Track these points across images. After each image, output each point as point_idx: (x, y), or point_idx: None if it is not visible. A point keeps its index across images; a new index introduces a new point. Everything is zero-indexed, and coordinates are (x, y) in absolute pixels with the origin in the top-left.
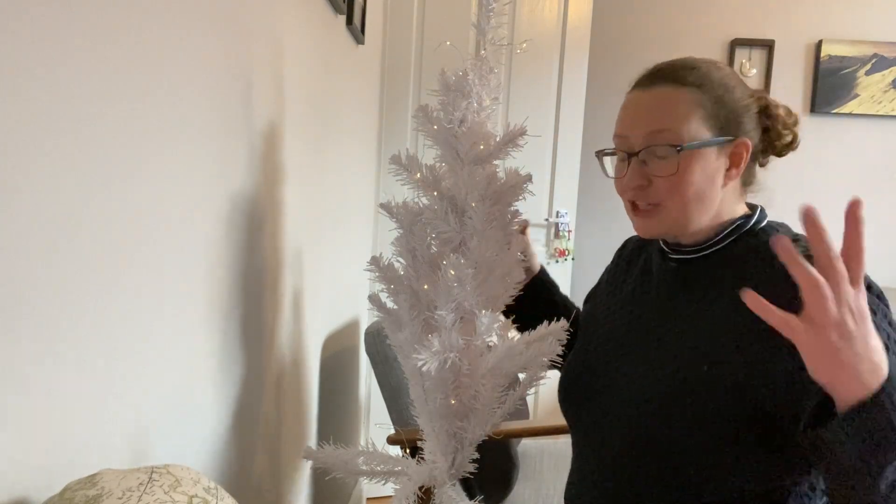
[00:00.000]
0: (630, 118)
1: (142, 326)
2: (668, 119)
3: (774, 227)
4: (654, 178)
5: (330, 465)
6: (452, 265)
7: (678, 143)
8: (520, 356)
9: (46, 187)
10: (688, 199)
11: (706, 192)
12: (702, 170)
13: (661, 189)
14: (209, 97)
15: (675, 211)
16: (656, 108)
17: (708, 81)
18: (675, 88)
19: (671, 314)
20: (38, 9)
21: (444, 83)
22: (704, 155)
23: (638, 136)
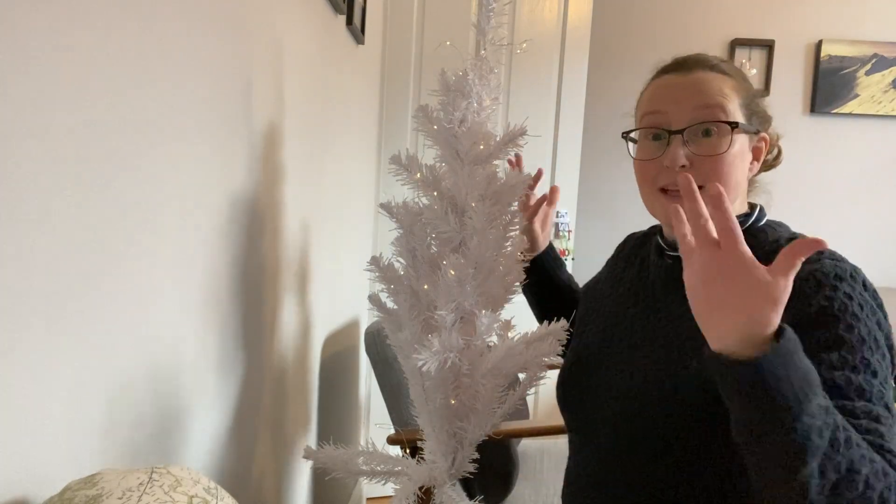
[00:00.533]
0: (671, 96)
1: (142, 326)
2: (717, 96)
3: (773, 227)
4: (697, 157)
5: (330, 465)
6: (452, 265)
7: (732, 120)
8: (520, 356)
9: (47, 187)
10: (728, 182)
11: (740, 181)
12: (743, 155)
13: (704, 170)
14: (209, 97)
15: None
16: (703, 87)
17: (741, 74)
18: (716, 74)
19: (663, 311)
20: (38, 9)
21: (444, 83)
22: (744, 141)
23: (683, 111)
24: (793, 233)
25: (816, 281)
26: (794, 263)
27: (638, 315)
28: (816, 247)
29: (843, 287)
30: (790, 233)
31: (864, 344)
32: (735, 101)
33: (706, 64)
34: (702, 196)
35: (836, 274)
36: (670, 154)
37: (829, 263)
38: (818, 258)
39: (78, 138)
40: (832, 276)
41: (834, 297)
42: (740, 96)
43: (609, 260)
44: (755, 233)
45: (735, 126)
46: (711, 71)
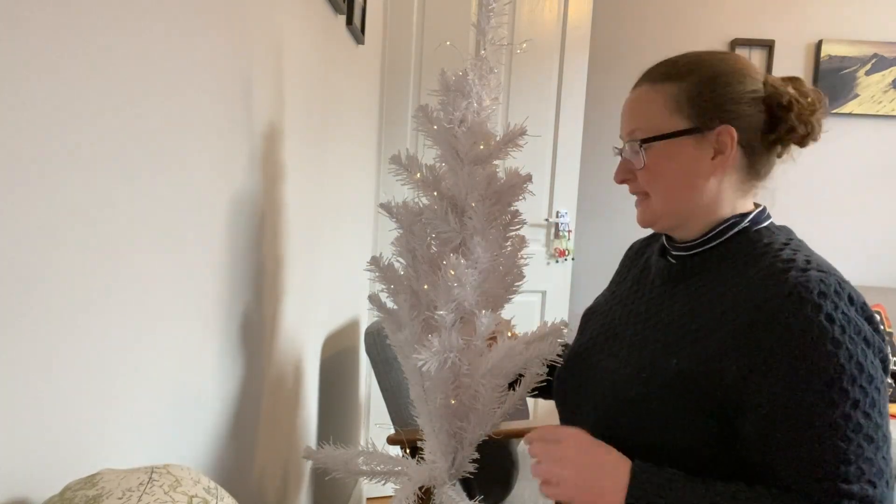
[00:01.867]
0: (621, 119)
1: (142, 326)
2: (640, 118)
3: (771, 231)
4: (635, 171)
5: (330, 465)
6: (452, 265)
7: (639, 138)
8: (520, 356)
9: (47, 187)
10: (666, 188)
11: (687, 182)
12: (671, 161)
13: (641, 181)
14: (209, 97)
15: (660, 200)
16: (633, 109)
17: (690, 73)
18: (651, 87)
19: (656, 308)
20: (38, 9)
21: (444, 83)
22: (674, 146)
23: (623, 134)
24: (789, 239)
25: (799, 299)
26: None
27: (633, 312)
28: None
29: (826, 307)
30: (786, 238)
31: (845, 372)
32: (667, 110)
33: (650, 76)
34: None
35: (819, 291)
36: (615, 171)
37: (815, 277)
38: (806, 268)
39: (78, 138)
40: (816, 294)
41: (814, 320)
42: (679, 101)
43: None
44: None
45: (641, 143)
46: (651, 83)
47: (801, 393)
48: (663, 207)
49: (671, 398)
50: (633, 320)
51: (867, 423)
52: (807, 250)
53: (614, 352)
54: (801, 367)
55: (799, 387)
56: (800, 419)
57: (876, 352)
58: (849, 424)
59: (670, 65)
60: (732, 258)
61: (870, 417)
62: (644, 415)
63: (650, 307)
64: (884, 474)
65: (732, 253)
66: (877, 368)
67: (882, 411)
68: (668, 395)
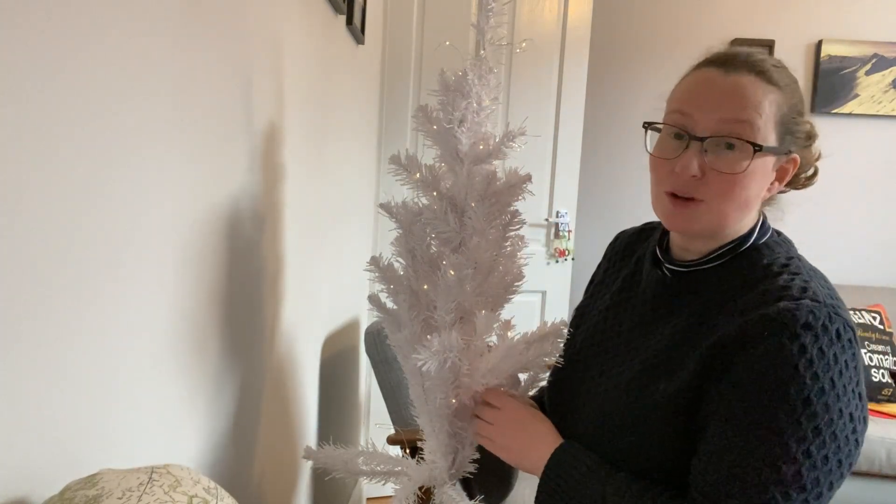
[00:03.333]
0: (702, 97)
1: (142, 325)
2: (750, 111)
3: (770, 247)
4: (712, 170)
5: (330, 465)
6: (452, 265)
7: (758, 142)
8: (520, 356)
9: (47, 187)
10: (736, 203)
11: (752, 201)
12: (761, 177)
13: (713, 185)
14: (209, 97)
15: (717, 212)
16: (738, 95)
17: (791, 86)
18: (759, 81)
19: (647, 325)
20: (39, 8)
21: (444, 83)
22: (767, 162)
23: (709, 119)
24: (788, 258)
25: (781, 324)
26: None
27: (624, 324)
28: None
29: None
30: (786, 258)
31: (785, 403)
32: (770, 117)
33: (753, 67)
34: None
35: (805, 322)
36: (683, 160)
37: (806, 307)
38: (800, 296)
39: (77, 139)
40: (800, 324)
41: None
42: (779, 112)
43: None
44: (749, 253)
45: (758, 149)
46: (756, 77)
47: (747, 407)
48: (717, 220)
49: (659, 421)
50: (624, 336)
51: (786, 457)
52: (806, 273)
53: (604, 369)
54: (756, 384)
55: (748, 401)
56: (736, 432)
57: (840, 393)
58: (774, 453)
59: (770, 64)
60: (730, 279)
61: (790, 452)
62: (634, 436)
63: (643, 322)
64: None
65: (731, 273)
66: (828, 408)
67: (820, 462)
68: (657, 417)
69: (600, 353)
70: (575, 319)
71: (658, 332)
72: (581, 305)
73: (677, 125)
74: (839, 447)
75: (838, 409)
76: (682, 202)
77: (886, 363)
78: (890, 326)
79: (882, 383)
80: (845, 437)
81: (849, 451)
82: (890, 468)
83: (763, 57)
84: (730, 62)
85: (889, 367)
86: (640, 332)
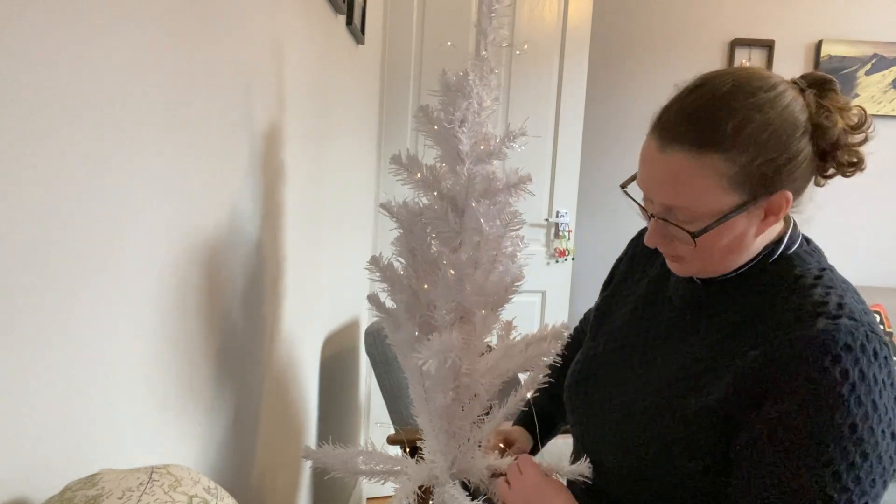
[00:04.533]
0: (645, 179)
1: (142, 325)
2: (683, 196)
3: (802, 258)
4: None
5: (329, 464)
6: (452, 265)
7: (691, 229)
8: (519, 356)
9: (47, 188)
10: (711, 257)
11: (735, 247)
12: (722, 236)
13: (680, 248)
14: (209, 97)
15: (700, 265)
16: (670, 182)
17: (743, 142)
18: (693, 156)
19: (676, 335)
20: (39, 8)
21: (445, 83)
22: (729, 224)
23: (655, 200)
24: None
25: (823, 346)
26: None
27: (651, 331)
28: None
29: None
30: (818, 269)
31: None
32: (717, 188)
33: (690, 139)
34: None
35: (845, 343)
36: (648, 233)
37: (845, 327)
38: (838, 314)
39: (77, 139)
40: (840, 346)
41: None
42: (731, 176)
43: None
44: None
45: (695, 235)
46: (692, 150)
47: (794, 437)
48: (707, 267)
49: (685, 436)
50: (652, 341)
51: (837, 486)
52: (840, 287)
53: (628, 378)
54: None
55: (793, 430)
56: (783, 461)
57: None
58: (824, 481)
59: (712, 125)
60: (762, 290)
61: (841, 480)
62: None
63: (671, 330)
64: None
65: (762, 283)
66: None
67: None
68: (683, 432)
69: (624, 360)
70: (597, 318)
71: (686, 344)
72: (602, 304)
73: (638, 202)
74: (885, 468)
75: (881, 430)
76: (672, 258)
77: None
78: (890, 326)
79: None
80: (889, 456)
81: (893, 471)
82: None
83: (701, 115)
84: (668, 131)
85: None
86: (668, 341)
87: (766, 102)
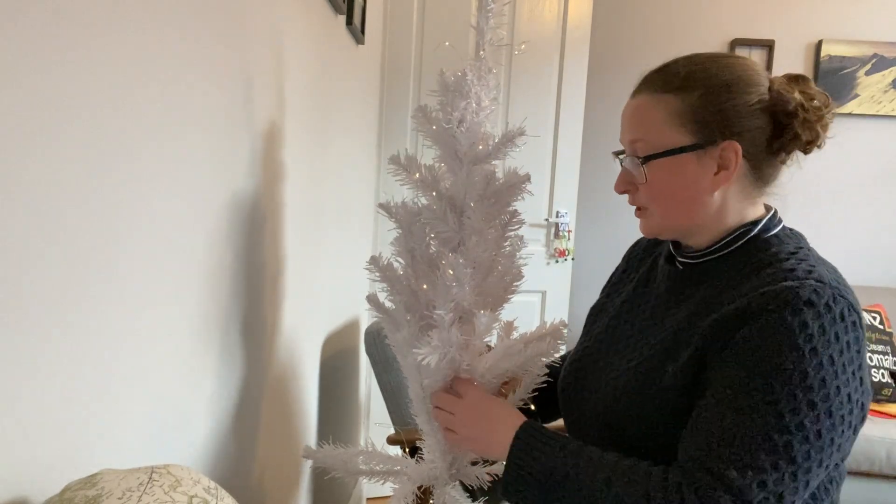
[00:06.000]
0: (621, 125)
1: (142, 326)
2: (641, 129)
3: (780, 239)
4: (636, 183)
5: (329, 464)
6: (451, 265)
7: (643, 154)
8: (518, 355)
9: (47, 187)
10: (666, 204)
11: (688, 198)
12: (674, 177)
13: (641, 195)
14: (209, 97)
15: (660, 215)
16: (633, 118)
17: (692, 84)
18: (651, 96)
19: (660, 316)
20: (39, 8)
21: (444, 83)
22: (676, 162)
23: (624, 143)
24: (797, 248)
25: (784, 300)
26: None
27: (638, 316)
28: None
29: (805, 314)
30: (794, 247)
31: (782, 374)
32: (670, 124)
33: (651, 85)
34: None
35: (808, 299)
36: (616, 180)
37: (810, 286)
38: (805, 277)
39: (78, 139)
40: (803, 300)
41: (787, 320)
42: (682, 115)
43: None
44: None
45: (643, 160)
46: (651, 92)
47: (744, 376)
48: (663, 222)
49: (666, 403)
50: (638, 325)
51: (778, 426)
52: (814, 260)
53: (615, 359)
54: (754, 354)
55: (744, 370)
56: (731, 399)
57: (838, 371)
58: (768, 422)
59: (671, 73)
60: (739, 267)
61: (783, 421)
62: (644, 419)
63: (655, 313)
64: (782, 497)
65: (739, 261)
66: (825, 384)
67: (813, 437)
68: (664, 399)
69: (613, 344)
70: (590, 317)
71: (668, 321)
72: (597, 304)
73: (615, 151)
74: (833, 425)
75: (836, 386)
76: (639, 212)
77: (886, 363)
78: (890, 326)
79: (882, 383)
80: (841, 416)
81: (842, 431)
82: (890, 468)
83: (666, 68)
84: (636, 88)
85: (889, 368)
86: (652, 322)
87: (728, 61)
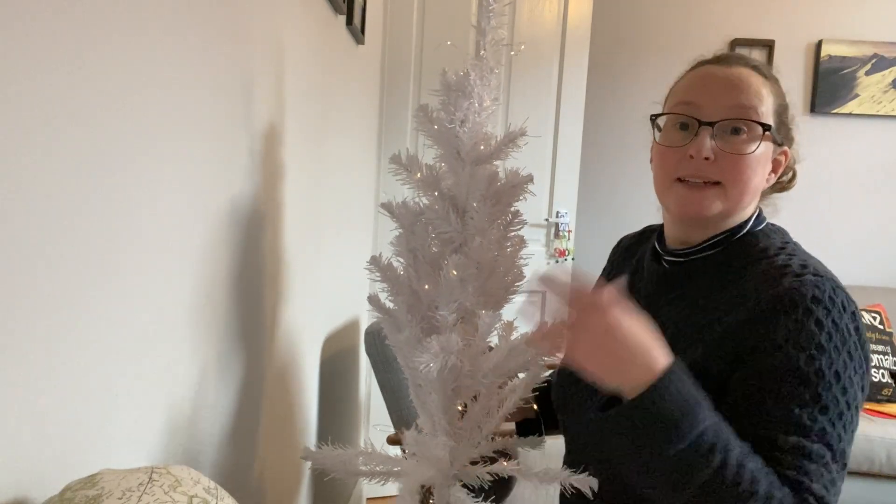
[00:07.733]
0: (707, 87)
1: (142, 326)
2: (753, 98)
3: (767, 234)
4: (722, 153)
5: (329, 465)
6: (454, 265)
7: (766, 122)
8: (522, 355)
9: (47, 187)
10: (748, 186)
11: (758, 187)
12: (765, 162)
13: (727, 167)
14: (209, 97)
15: (734, 194)
16: (742, 83)
17: (777, 81)
18: (752, 74)
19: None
20: (39, 8)
21: (446, 83)
22: (768, 149)
23: (716, 106)
24: (784, 242)
25: (792, 302)
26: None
27: None
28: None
29: (817, 312)
30: (781, 242)
31: (822, 378)
32: (769, 106)
33: (748, 63)
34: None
35: (813, 296)
36: (697, 144)
37: (811, 282)
38: (802, 272)
39: (78, 139)
40: (809, 299)
41: (804, 323)
42: (775, 102)
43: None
44: (745, 239)
45: (767, 129)
46: (753, 70)
47: (776, 385)
48: (727, 204)
49: None
50: None
51: (832, 431)
52: (802, 254)
53: None
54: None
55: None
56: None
57: (857, 366)
58: (814, 426)
59: (758, 63)
60: (728, 263)
61: (834, 426)
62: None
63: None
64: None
65: (728, 258)
66: (853, 383)
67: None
68: None
69: None
70: None
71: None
72: None
73: (685, 114)
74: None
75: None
76: (697, 187)
77: (886, 363)
78: (890, 326)
79: (882, 383)
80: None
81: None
82: (890, 468)
83: (755, 58)
84: (726, 60)
85: (889, 368)
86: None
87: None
